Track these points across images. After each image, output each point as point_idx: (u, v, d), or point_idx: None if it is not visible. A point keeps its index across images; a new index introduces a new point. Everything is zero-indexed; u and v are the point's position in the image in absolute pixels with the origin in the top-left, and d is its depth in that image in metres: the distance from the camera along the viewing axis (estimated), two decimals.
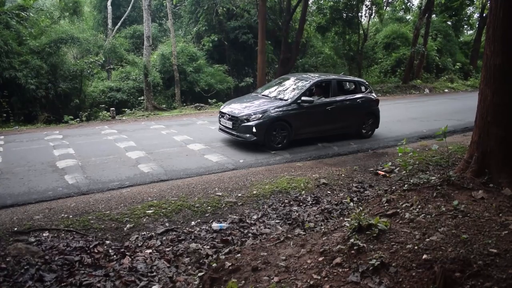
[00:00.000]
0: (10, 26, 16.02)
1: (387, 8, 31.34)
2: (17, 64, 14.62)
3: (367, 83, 11.43)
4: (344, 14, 24.89)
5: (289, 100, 9.58)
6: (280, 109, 9.40)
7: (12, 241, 4.85)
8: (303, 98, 9.57)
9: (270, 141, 9.34)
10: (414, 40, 25.30)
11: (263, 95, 10.60)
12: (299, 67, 25.69)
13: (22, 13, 17.65)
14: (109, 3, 26.35)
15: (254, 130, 9.07)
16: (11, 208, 5.95)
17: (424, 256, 3.46)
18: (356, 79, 11.73)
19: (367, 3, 25.89)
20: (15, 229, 5.16)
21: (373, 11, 26.67)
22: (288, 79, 11.08)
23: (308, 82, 10.14)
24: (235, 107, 9.92)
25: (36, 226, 5.25)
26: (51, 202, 6.17)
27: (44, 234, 5.06)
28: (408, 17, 34.20)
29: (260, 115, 9.18)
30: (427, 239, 3.76)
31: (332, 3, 24.78)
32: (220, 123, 10.19)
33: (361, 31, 25.41)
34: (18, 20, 17.04)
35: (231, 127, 9.57)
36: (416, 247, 3.63)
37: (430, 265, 3.33)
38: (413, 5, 29.32)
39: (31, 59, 15.16)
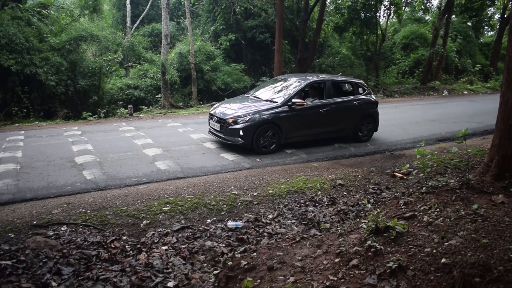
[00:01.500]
0: (32, 23, 16.26)
1: (406, 8, 31.04)
2: (38, 61, 14.83)
3: (365, 84, 10.99)
4: (362, 14, 24.65)
5: (280, 102, 9.23)
6: (270, 111, 9.04)
7: (31, 234, 4.94)
8: (294, 100, 9.23)
9: (258, 145, 8.95)
10: (433, 41, 25.01)
11: (254, 96, 10.23)
12: (316, 67, 25.58)
13: (43, 11, 17.93)
14: (128, 1, 26.59)
15: (241, 133, 8.74)
16: (31, 202, 6.05)
17: (443, 260, 3.40)
18: (353, 80, 11.22)
19: (386, 3, 25.67)
20: (34, 222, 5.24)
21: (392, 11, 26.40)
22: (282, 80, 10.72)
23: (300, 83, 9.76)
24: (224, 109, 9.60)
25: (54, 220, 5.33)
26: (69, 197, 6.25)
27: (62, 228, 5.14)
28: (427, 17, 33.86)
29: (248, 118, 8.83)
30: (446, 243, 3.70)
31: (350, 3, 24.59)
32: (209, 125, 9.90)
33: (379, 31, 25.18)
34: (39, 18, 17.30)
35: (218, 129, 9.26)
36: (434, 251, 3.57)
37: (449, 269, 3.28)
38: (432, 5, 29.01)
39: (51, 56, 15.37)
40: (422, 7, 29.00)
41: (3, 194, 6.26)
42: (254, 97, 10.17)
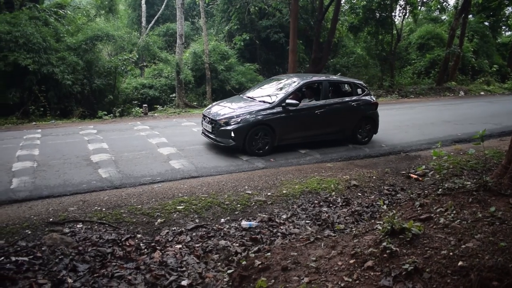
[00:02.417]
0: (49, 23, 16.51)
1: (422, 8, 30.71)
2: (55, 60, 15.03)
3: (364, 84, 10.62)
4: (378, 14, 24.49)
5: (273, 103, 8.95)
6: (263, 112, 8.78)
7: (48, 231, 5.00)
8: (287, 101, 8.92)
9: (250, 147, 8.70)
10: (449, 41, 24.70)
11: (249, 97, 9.93)
12: (330, 67, 25.49)
13: (60, 11, 18.21)
14: (143, 1, 26.80)
15: (232, 134, 8.52)
16: (47, 199, 6.13)
17: (460, 263, 3.35)
18: (352, 80, 10.77)
19: (401, 2, 25.45)
20: (51, 219, 5.31)
21: (407, 11, 26.18)
22: (278, 80, 10.48)
23: (295, 83, 9.50)
24: (217, 110, 9.37)
25: (70, 217, 5.38)
26: (85, 195, 6.32)
27: (78, 226, 5.19)
28: (443, 17, 33.46)
29: (240, 119, 8.58)
30: (463, 246, 3.64)
31: (365, 2, 24.43)
32: (202, 126, 9.67)
33: (395, 31, 24.98)
34: (56, 18, 17.57)
35: (210, 130, 9.05)
36: (451, 253, 3.52)
37: (466, 272, 3.23)
38: (448, 5, 28.72)
39: (67, 56, 15.57)
40: (438, 6, 28.73)
41: (21, 191, 6.37)
42: (249, 97, 9.89)
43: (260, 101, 9.32)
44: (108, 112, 15.13)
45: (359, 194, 6.82)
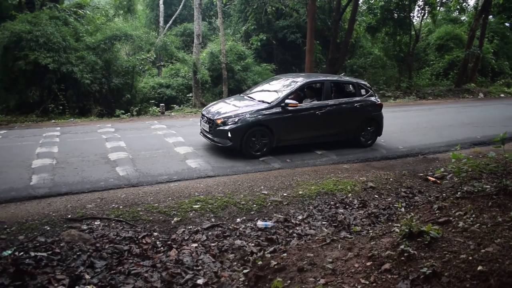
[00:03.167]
0: (68, 23, 16.75)
1: (441, 8, 30.30)
2: (74, 59, 15.24)
3: (368, 85, 10.28)
4: (396, 14, 24.21)
5: (272, 103, 8.73)
6: (261, 112, 8.58)
7: (66, 227, 5.08)
8: (287, 101, 8.66)
9: (248, 147, 8.50)
10: (468, 42, 24.31)
11: (249, 96, 9.70)
12: (347, 67, 25.34)
13: (80, 11, 18.49)
14: (161, 1, 27.02)
15: (229, 135, 8.33)
16: (66, 196, 6.22)
17: (479, 268, 3.29)
18: (355, 80, 10.46)
19: (420, 3, 25.14)
20: (69, 216, 5.39)
21: (426, 11, 25.84)
22: (279, 79, 10.25)
23: (295, 83, 9.29)
24: (215, 109, 9.22)
25: (88, 214, 5.46)
26: (102, 192, 6.40)
27: (95, 223, 5.26)
28: (463, 18, 32.95)
29: (237, 119, 8.39)
30: (483, 250, 3.58)
31: (383, 3, 24.20)
32: (200, 126, 9.55)
33: (413, 32, 24.68)
34: (76, 18, 17.84)
35: (208, 130, 8.89)
36: (470, 258, 3.46)
37: (486, 277, 3.17)
38: (468, 5, 28.27)
39: (86, 55, 15.76)
40: (458, 7, 28.30)
41: (40, 188, 6.47)
42: (249, 97, 9.69)
43: (259, 100, 9.13)
44: (125, 111, 15.29)
45: (376, 196, 6.77)
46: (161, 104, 15.83)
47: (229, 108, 8.99)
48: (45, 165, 7.59)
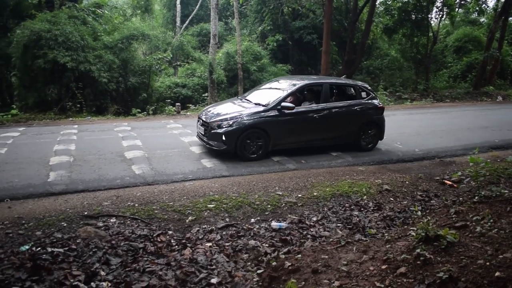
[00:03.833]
0: (87, 22, 16.98)
1: (460, 10, 29.92)
2: (92, 58, 15.43)
3: (369, 88, 10.02)
4: (413, 16, 23.96)
5: (268, 106, 8.56)
6: (256, 115, 8.42)
7: (82, 224, 5.14)
8: (283, 104, 8.50)
9: (242, 151, 8.32)
10: (487, 44, 23.96)
11: (246, 99, 9.53)
12: (363, 69, 25.18)
13: (98, 10, 18.71)
14: (178, 1, 27.18)
15: (223, 138, 8.18)
16: (82, 193, 6.30)
17: (497, 274, 3.23)
18: (356, 83, 10.21)
19: (438, 4, 24.89)
20: (85, 213, 5.45)
21: (444, 12, 25.54)
22: (277, 82, 10.06)
23: (293, 86, 9.11)
24: (211, 112, 9.10)
25: (104, 211, 5.51)
26: (118, 190, 6.46)
27: (111, 220, 5.31)
28: (482, 19, 32.50)
29: (232, 122, 8.25)
30: (500, 256, 3.51)
31: (400, 4, 24.00)
32: (196, 129, 9.42)
33: (431, 34, 24.40)
34: (94, 17, 18.06)
35: (203, 133, 8.77)
36: (488, 263, 3.40)
37: (504, 283, 3.11)
38: (488, 7, 27.84)
39: (104, 54, 15.95)
40: (477, 8, 27.90)
41: (57, 184, 6.56)
42: (246, 100, 9.51)
43: (255, 103, 8.97)
44: (141, 110, 15.40)
45: (391, 199, 6.69)
46: (177, 104, 15.91)
47: (225, 111, 8.86)
48: (62, 162, 7.68)
